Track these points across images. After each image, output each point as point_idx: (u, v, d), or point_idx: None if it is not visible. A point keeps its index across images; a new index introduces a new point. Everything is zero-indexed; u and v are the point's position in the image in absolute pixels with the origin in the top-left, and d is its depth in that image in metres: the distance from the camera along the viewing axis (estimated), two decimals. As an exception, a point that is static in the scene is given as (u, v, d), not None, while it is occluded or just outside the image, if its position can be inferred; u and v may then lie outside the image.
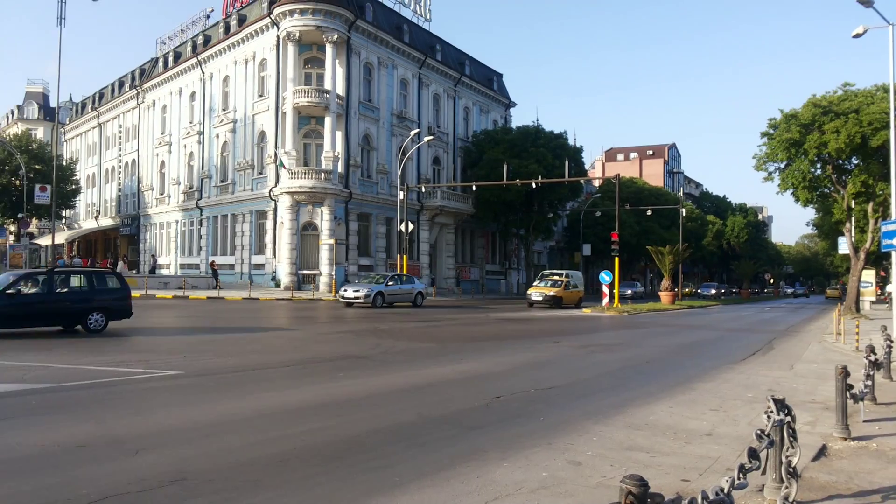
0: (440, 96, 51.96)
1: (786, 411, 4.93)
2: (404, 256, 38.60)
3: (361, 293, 29.38)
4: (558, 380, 11.36)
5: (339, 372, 11.65)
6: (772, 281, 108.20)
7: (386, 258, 44.65)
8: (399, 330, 19.84)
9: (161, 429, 7.18)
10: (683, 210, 57.30)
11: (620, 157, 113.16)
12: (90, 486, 5.19)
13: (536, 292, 35.25)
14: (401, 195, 39.06)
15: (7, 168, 54.01)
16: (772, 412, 4.83)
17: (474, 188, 43.98)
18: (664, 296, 44.60)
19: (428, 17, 51.37)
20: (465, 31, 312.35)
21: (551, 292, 34.84)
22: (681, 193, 66.85)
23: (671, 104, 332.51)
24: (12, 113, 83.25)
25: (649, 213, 54.43)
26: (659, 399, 9.75)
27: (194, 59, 49.01)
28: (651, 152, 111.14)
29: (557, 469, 6.08)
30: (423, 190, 46.59)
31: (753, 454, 4.03)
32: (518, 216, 52.59)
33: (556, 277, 37.51)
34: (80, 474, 5.51)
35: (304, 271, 39.33)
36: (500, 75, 62.51)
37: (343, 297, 30.01)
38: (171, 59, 53.58)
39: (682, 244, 49.26)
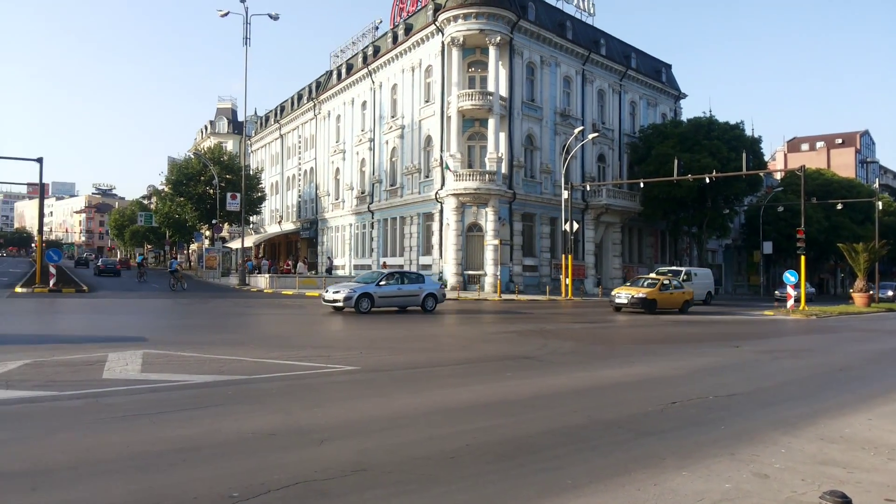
0: (605, 92, 50.78)
1: None
2: (569, 256, 38.09)
3: (341, 295, 23.81)
4: (740, 387, 10.65)
5: (507, 371, 11.68)
6: None
7: (550, 258, 44.34)
8: (565, 331, 19.59)
9: (341, 421, 7.56)
10: (879, 203, 51.93)
11: (805, 146, 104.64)
12: (281, 471, 5.55)
13: (624, 293, 29.32)
14: (565, 194, 38.62)
15: (203, 178, 59.80)
16: None
17: (642, 185, 42.53)
18: (858, 297, 40.58)
19: (592, 11, 50.41)
20: (630, 23, 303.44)
21: (641, 293, 28.67)
22: (876, 185, 60.72)
23: (861, 87, 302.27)
24: (206, 128, 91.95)
25: (839, 206, 49.83)
26: (856, 410, 8.85)
27: (365, 70, 51.44)
28: (840, 141, 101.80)
29: (742, 481, 5.68)
30: (588, 188, 45.79)
31: None
32: (690, 213, 50.21)
33: (654, 277, 32.46)
34: (271, 460, 5.92)
35: (470, 272, 39.97)
36: (669, 66, 59.97)
37: (325, 301, 24.66)
38: (343, 70, 56.62)
39: (877, 241, 44.60)
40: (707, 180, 38.52)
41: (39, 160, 36.31)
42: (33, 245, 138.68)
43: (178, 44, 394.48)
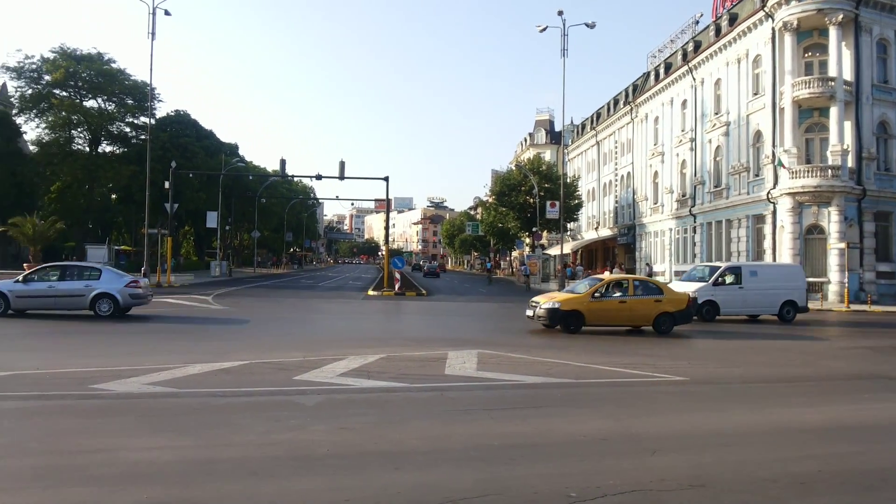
0: None
1: None
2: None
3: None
4: None
5: (864, 393, 10.27)
6: None
7: (913, 264, 37.92)
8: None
9: (674, 432, 7.33)
10: None
11: None
12: (615, 476, 5.56)
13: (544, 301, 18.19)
14: (933, 188, 32.77)
15: (523, 188, 62.64)
16: None
17: None
18: None
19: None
20: None
21: (556, 301, 17.79)
22: None
23: None
24: (525, 140, 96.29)
25: None
26: None
27: (685, 67, 49.38)
28: None
29: None
30: (966, 180, 38.02)
31: None
32: None
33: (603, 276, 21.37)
34: (605, 465, 5.96)
35: (810, 279, 35.91)
36: None
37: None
38: (661, 70, 55.02)
39: None
40: None
41: (386, 179, 41.40)
42: (380, 253, 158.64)
43: (499, 63, 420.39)
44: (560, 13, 39.72)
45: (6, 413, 7.55)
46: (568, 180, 63.20)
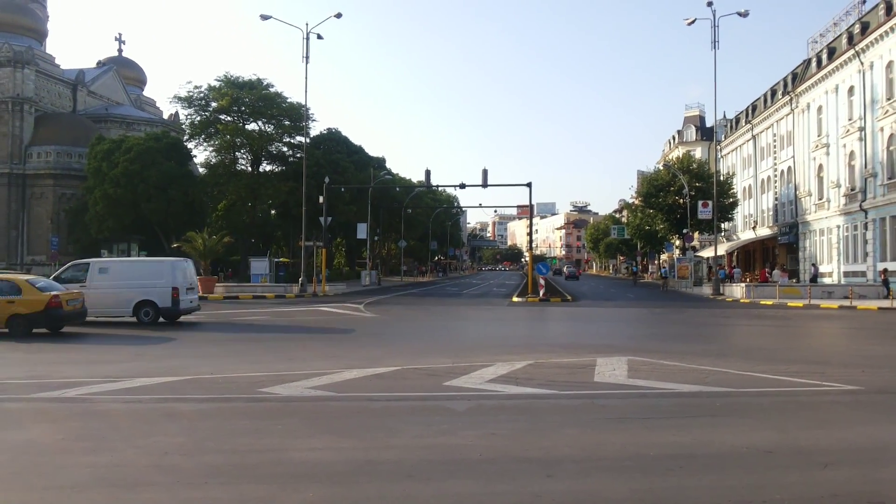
0: None
1: None
2: None
3: None
4: None
5: None
6: None
7: None
8: None
9: (847, 445, 6.80)
10: None
11: None
12: (782, 491, 5.25)
13: None
14: None
15: (672, 189, 60.31)
16: None
17: None
18: None
19: None
20: None
21: None
22: None
23: None
24: (673, 139, 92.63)
25: None
26: None
27: (851, 52, 45.54)
28: None
29: None
30: None
31: None
32: None
33: None
34: (770, 478, 5.64)
35: None
36: None
37: None
38: (824, 56, 51.09)
39: None
40: None
41: (528, 185, 41.38)
42: (523, 259, 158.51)
43: (642, 61, 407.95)
44: (710, 3, 38.17)
45: (185, 414, 8.32)
46: (721, 178, 60.13)
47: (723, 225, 63.10)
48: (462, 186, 46.37)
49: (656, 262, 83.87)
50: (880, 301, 32.52)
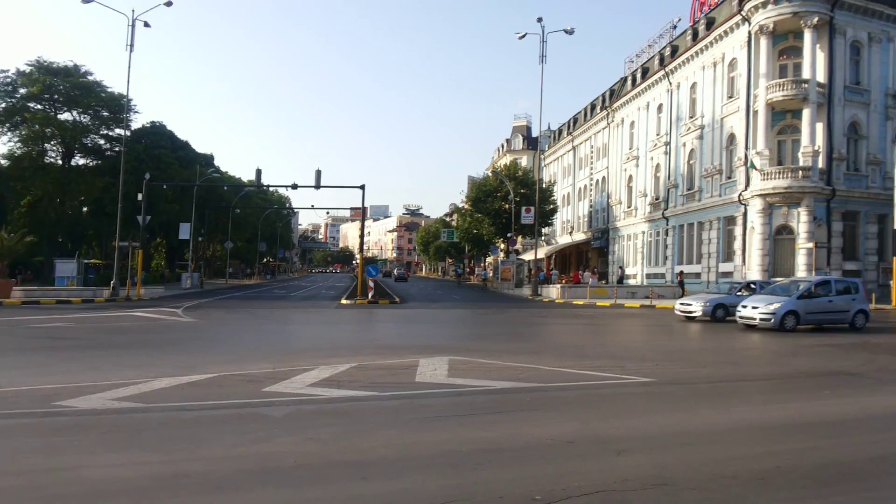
0: (953, 65, 42.87)
1: None
2: (904, 259, 32.83)
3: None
4: None
5: (825, 389, 10.47)
6: None
7: (878, 262, 38.61)
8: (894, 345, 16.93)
9: (639, 433, 7.40)
10: None
11: None
12: (581, 478, 5.61)
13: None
14: (898, 187, 33.45)
15: (499, 194, 62.82)
16: None
17: None
18: None
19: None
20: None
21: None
22: None
23: None
24: (502, 147, 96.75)
25: None
26: None
27: (661, 72, 49.91)
28: None
29: None
30: (929, 179, 38.84)
31: None
32: None
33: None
34: (570, 467, 6.01)
35: (778, 279, 36.44)
36: None
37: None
38: (638, 75, 55.57)
39: None
40: None
41: (362, 187, 41.33)
42: (354, 262, 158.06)
43: (477, 70, 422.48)
44: (539, 20, 40.48)
45: (-35, 433, 7.41)
46: (543, 185, 63.48)
47: (543, 230, 66.53)
48: (294, 187, 45.33)
49: (482, 264, 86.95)
50: (675, 300, 35.86)
